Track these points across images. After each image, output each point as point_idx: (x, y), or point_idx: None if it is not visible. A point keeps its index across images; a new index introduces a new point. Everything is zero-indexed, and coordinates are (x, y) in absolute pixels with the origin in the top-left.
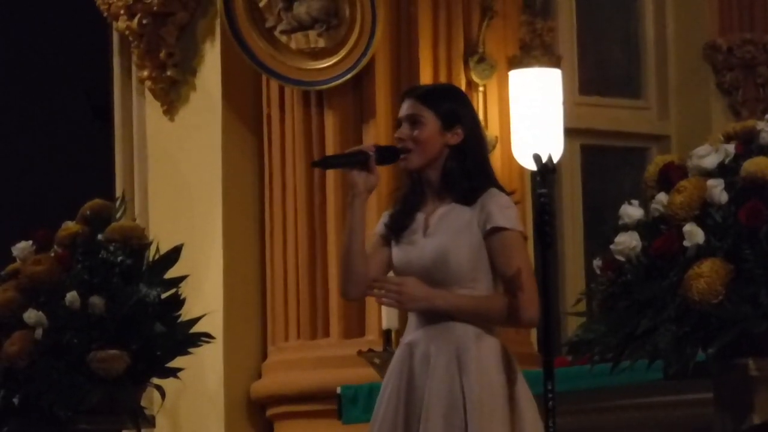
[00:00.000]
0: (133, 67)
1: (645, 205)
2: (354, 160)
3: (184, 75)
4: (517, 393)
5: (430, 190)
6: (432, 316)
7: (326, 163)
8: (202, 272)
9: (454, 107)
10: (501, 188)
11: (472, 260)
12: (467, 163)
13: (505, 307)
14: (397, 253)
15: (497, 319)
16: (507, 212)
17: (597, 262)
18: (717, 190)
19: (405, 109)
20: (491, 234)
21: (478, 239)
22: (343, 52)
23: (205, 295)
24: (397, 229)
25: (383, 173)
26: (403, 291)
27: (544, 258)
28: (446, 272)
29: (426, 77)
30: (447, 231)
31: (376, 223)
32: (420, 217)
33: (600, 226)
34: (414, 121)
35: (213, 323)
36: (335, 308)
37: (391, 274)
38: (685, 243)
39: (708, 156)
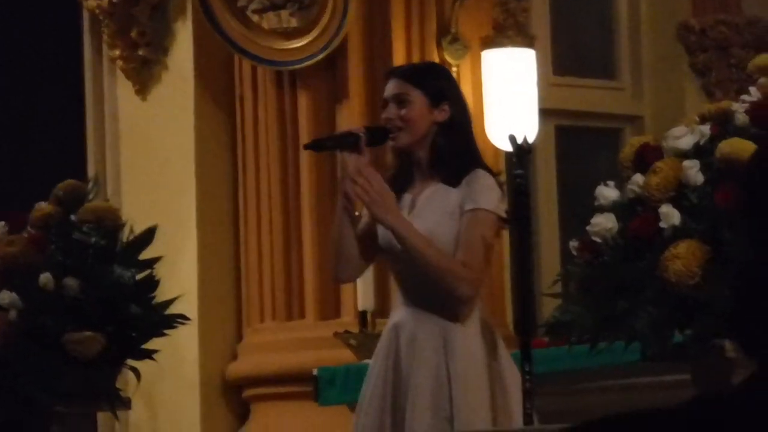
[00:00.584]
0: (104, 47)
1: (621, 186)
2: (344, 142)
3: (156, 54)
4: (504, 373)
5: (418, 169)
6: (418, 298)
7: (317, 145)
8: (177, 253)
9: (439, 84)
10: (488, 169)
11: (456, 242)
12: (455, 141)
13: (448, 270)
14: (383, 232)
15: (436, 275)
16: (489, 194)
17: (573, 244)
18: (693, 171)
19: (390, 88)
20: (467, 212)
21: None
22: (315, 32)
23: (179, 276)
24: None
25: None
26: (382, 194)
27: (521, 239)
28: None
29: (399, 57)
30: (432, 213)
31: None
32: (407, 197)
33: (574, 206)
34: (401, 100)
35: (188, 305)
36: (311, 289)
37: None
38: (662, 224)
39: (683, 137)
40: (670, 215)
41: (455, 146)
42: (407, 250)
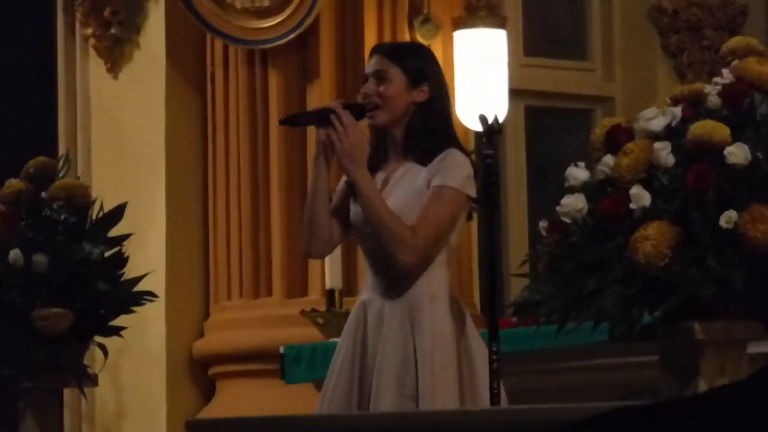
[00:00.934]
0: (77, 25)
1: (591, 167)
2: (321, 117)
3: (128, 33)
4: (472, 352)
5: (394, 148)
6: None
7: (293, 120)
8: (145, 231)
9: (421, 65)
10: (461, 148)
11: None
12: (431, 121)
13: (395, 233)
14: (354, 209)
15: (383, 236)
16: (456, 172)
17: (543, 224)
18: (664, 152)
19: (372, 65)
20: (433, 188)
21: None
22: (287, 12)
23: (147, 253)
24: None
25: None
26: (355, 144)
27: (489, 219)
28: None
29: (370, 37)
30: (401, 192)
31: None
32: (380, 176)
33: (544, 187)
34: (380, 77)
35: (155, 282)
36: (278, 267)
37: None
38: (632, 205)
39: (655, 119)
40: (641, 196)
41: (431, 127)
42: (363, 206)
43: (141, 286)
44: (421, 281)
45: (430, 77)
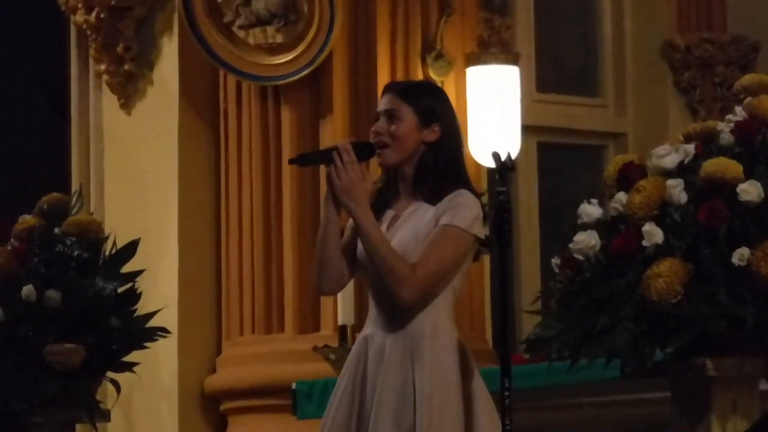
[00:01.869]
0: (91, 61)
1: (604, 204)
2: (330, 157)
3: (141, 69)
4: (473, 390)
5: (404, 186)
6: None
7: (303, 160)
8: (158, 266)
9: (432, 104)
10: (471, 189)
11: None
12: (441, 161)
13: (395, 269)
14: (361, 246)
15: (383, 271)
16: (464, 212)
17: (555, 261)
18: (676, 189)
19: (383, 103)
20: (439, 226)
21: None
22: (300, 48)
23: (160, 289)
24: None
25: None
26: (354, 181)
27: (502, 256)
28: None
29: (383, 74)
30: (408, 229)
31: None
32: (390, 213)
33: (556, 223)
34: (391, 115)
35: (168, 317)
36: (290, 303)
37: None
38: (644, 242)
39: (668, 156)
40: (653, 233)
41: (440, 166)
42: (364, 242)
43: (153, 322)
44: (422, 317)
45: (442, 117)
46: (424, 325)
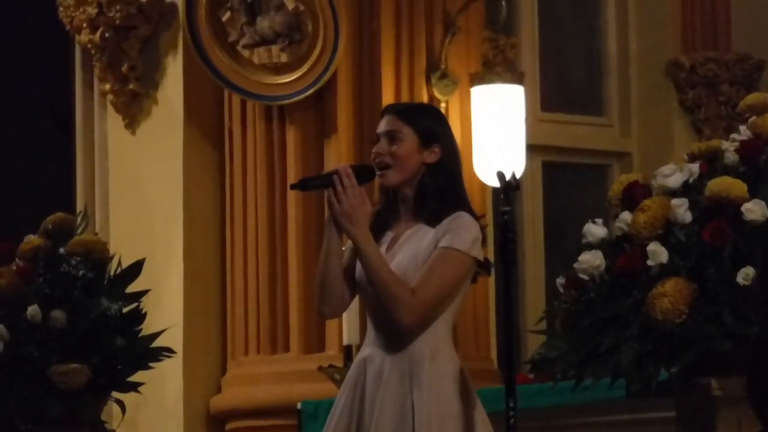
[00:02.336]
0: (95, 80)
1: (608, 223)
2: (331, 181)
3: (146, 88)
4: (473, 415)
5: (405, 208)
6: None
7: (304, 185)
8: (163, 286)
9: (432, 125)
10: (471, 211)
11: None
12: (441, 182)
13: (394, 293)
14: (360, 269)
15: (383, 295)
16: (463, 234)
17: (560, 280)
18: (681, 209)
19: (384, 124)
20: (438, 249)
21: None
22: (305, 67)
23: (165, 308)
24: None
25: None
26: (355, 206)
27: (506, 275)
28: None
29: (388, 93)
30: (408, 252)
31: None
32: (389, 235)
33: (561, 242)
34: (392, 136)
35: (173, 337)
36: (295, 323)
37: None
38: (649, 262)
39: (672, 175)
40: (658, 253)
41: (440, 188)
42: (364, 265)
43: (158, 342)
44: (422, 340)
45: (442, 138)
46: (423, 347)
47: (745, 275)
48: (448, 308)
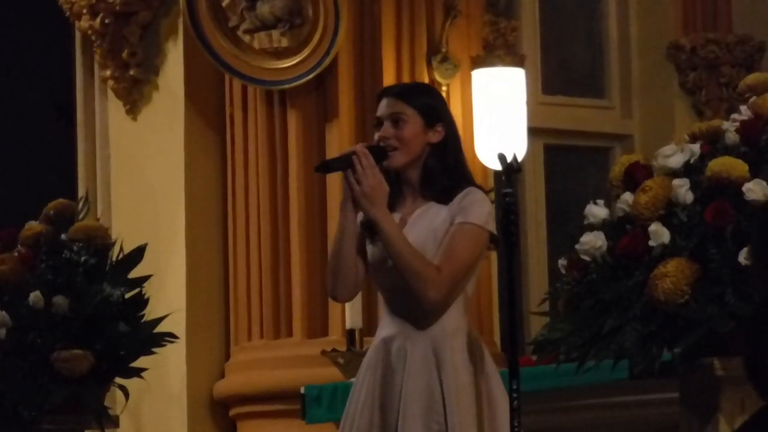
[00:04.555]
0: (96, 67)
1: (610, 204)
2: (351, 162)
3: (146, 74)
4: (492, 389)
5: (409, 189)
6: (410, 313)
7: (327, 167)
8: (165, 272)
9: (434, 104)
10: (479, 186)
11: None
12: (447, 161)
13: (420, 271)
14: (373, 250)
15: (408, 274)
16: (479, 209)
17: (562, 262)
18: (682, 189)
19: (385, 107)
20: (455, 225)
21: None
22: (306, 52)
23: (168, 294)
24: (373, 227)
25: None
26: (374, 186)
27: (509, 258)
28: None
29: (389, 77)
30: (422, 230)
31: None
32: (396, 216)
33: (563, 225)
34: (396, 119)
35: (176, 323)
36: (298, 308)
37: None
38: (651, 243)
39: (673, 156)
40: (660, 233)
41: (448, 166)
42: (386, 246)
43: (161, 327)
44: (442, 317)
45: (444, 117)
46: (445, 325)
47: (747, 255)
48: (467, 284)
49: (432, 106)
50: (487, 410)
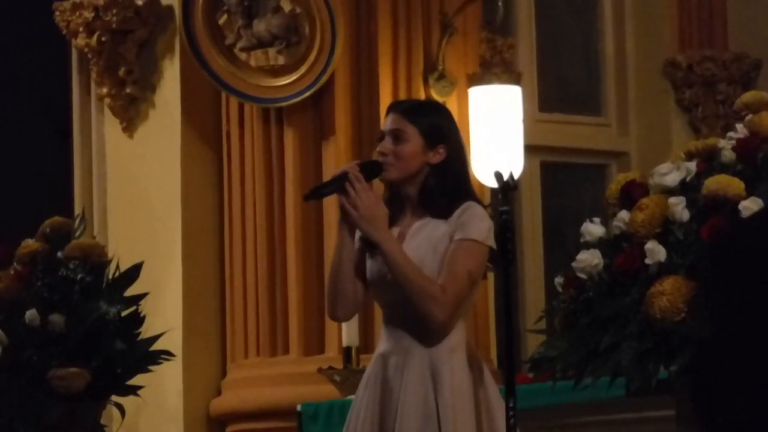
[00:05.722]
0: (92, 84)
1: (607, 222)
2: (342, 184)
3: (143, 92)
4: (491, 404)
5: (409, 204)
6: (406, 328)
7: (317, 193)
8: (162, 289)
9: (438, 125)
10: (479, 201)
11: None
12: (447, 182)
13: (425, 291)
14: (372, 265)
15: (413, 294)
16: (479, 225)
17: (559, 280)
18: (679, 207)
19: (389, 123)
20: (456, 241)
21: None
22: (302, 69)
23: (164, 312)
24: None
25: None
26: (372, 208)
27: (506, 275)
28: None
29: (385, 94)
30: (421, 245)
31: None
32: (395, 230)
33: (560, 242)
34: (397, 136)
35: (172, 340)
36: (295, 325)
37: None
38: (647, 260)
39: (670, 174)
40: (656, 251)
41: (447, 187)
42: (389, 265)
43: (158, 345)
44: (440, 333)
45: (447, 138)
46: (443, 342)
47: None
48: (466, 301)
49: (436, 127)
50: (486, 424)
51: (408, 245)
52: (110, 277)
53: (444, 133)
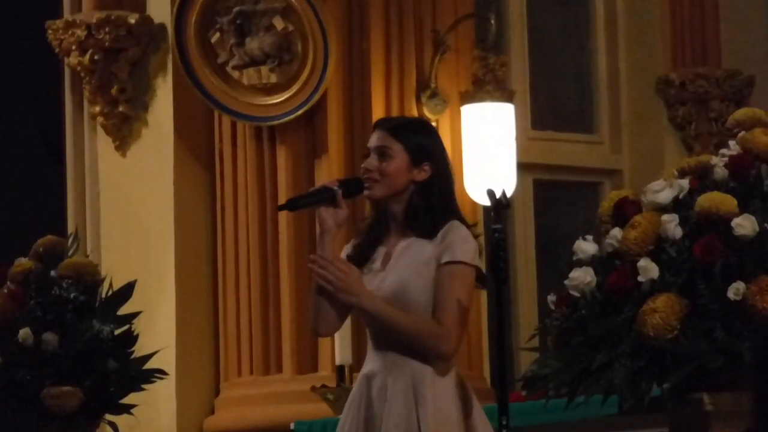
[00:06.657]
0: (85, 103)
1: (599, 240)
2: (321, 198)
3: (136, 111)
4: (476, 429)
5: (394, 222)
6: (390, 348)
7: (293, 204)
8: (155, 308)
9: (424, 142)
10: (464, 221)
11: (430, 294)
12: (432, 200)
13: (427, 333)
14: None
15: (415, 341)
16: (465, 246)
17: (551, 298)
18: (671, 225)
19: (375, 140)
20: (444, 266)
21: (435, 273)
22: (295, 88)
23: (157, 330)
24: (358, 259)
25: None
26: (344, 279)
27: (498, 294)
28: (404, 305)
29: (378, 112)
30: (407, 265)
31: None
32: (381, 250)
33: (553, 260)
34: (382, 153)
35: (166, 359)
36: (288, 344)
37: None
38: (640, 278)
39: (662, 191)
40: (649, 269)
41: (431, 206)
42: (382, 324)
43: (151, 364)
44: (430, 357)
45: (432, 156)
46: (426, 363)
47: (736, 290)
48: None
49: (421, 145)
50: None
51: (393, 266)
52: (103, 295)
53: (429, 151)
